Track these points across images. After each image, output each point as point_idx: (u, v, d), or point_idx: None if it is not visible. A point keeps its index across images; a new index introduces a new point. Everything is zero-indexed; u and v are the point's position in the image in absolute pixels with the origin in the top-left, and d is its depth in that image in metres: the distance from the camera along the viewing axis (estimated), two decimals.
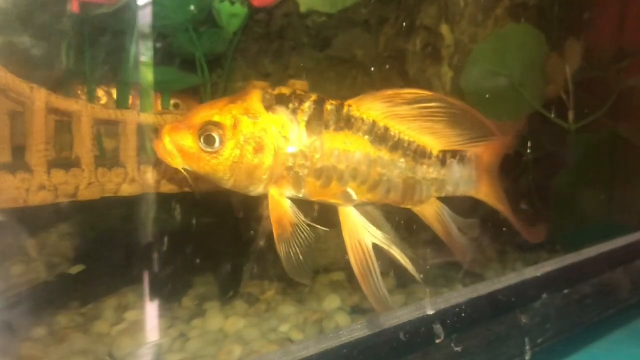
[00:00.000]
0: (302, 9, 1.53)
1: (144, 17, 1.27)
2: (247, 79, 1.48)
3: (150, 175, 1.17)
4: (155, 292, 1.25)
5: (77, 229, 1.44)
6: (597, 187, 1.50)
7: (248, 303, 1.26)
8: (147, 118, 1.17)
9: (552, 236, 1.55)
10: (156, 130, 0.90)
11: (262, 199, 1.33)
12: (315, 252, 1.35)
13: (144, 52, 1.29)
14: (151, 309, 1.22)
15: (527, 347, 1.07)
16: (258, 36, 1.52)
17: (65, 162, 1.10)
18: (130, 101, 1.30)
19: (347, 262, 1.38)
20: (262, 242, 1.41)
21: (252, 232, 1.36)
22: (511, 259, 1.56)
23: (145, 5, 1.26)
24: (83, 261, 1.30)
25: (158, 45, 1.29)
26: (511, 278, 1.10)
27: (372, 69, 1.51)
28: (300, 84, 1.39)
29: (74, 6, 1.26)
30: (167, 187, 1.20)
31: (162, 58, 1.30)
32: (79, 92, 1.31)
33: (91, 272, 1.27)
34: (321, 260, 1.36)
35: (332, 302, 1.26)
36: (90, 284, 1.25)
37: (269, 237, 1.40)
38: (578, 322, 1.18)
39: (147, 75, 1.30)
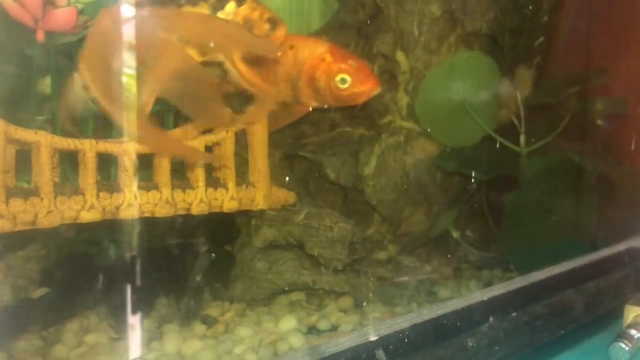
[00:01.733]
0: None
1: None
2: None
3: (109, 202, 1.19)
4: (116, 315, 1.28)
5: (42, 252, 1.48)
6: (547, 209, 1.54)
7: (207, 325, 1.29)
8: (106, 146, 1.20)
9: (506, 255, 1.60)
10: None
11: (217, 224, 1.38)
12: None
13: None
14: (111, 332, 1.26)
15: None
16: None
17: (24, 190, 1.13)
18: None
19: (305, 284, 1.42)
20: (224, 264, 1.45)
21: (213, 254, 1.40)
22: (466, 276, 1.60)
23: None
24: (47, 284, 1.34)
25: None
26: (457, 303, 1.13)
27: None
28: None
29: (39, 35, 1.30)
30: (127, 213, 1.23)
31: None
32: None
33: (54, 295, 1.30)
34: (279, 283, 1.39)
35: (288, 323, 1.28)
36: (53, 307, 1.27)
37: (232, 259, 1.44)
38: (527, 344, 1.22)
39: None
